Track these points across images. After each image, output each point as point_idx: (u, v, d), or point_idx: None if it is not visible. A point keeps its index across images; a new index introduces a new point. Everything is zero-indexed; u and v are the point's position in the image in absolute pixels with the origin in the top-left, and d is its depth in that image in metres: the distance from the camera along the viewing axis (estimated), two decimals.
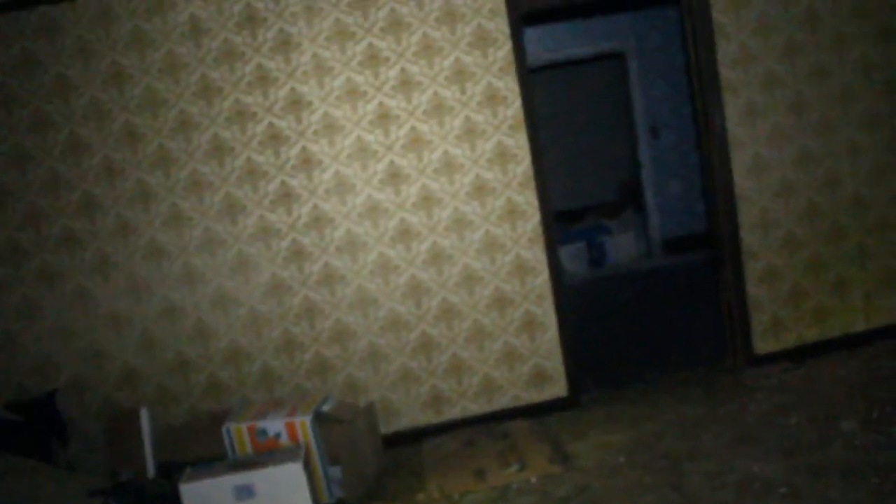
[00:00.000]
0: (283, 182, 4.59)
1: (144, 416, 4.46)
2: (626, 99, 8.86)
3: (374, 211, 4.65)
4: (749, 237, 4.95)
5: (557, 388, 4.87)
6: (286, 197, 4.61)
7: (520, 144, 4.66)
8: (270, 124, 4.55)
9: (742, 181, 4.90)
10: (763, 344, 5.01)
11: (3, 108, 4.48)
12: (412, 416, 4.81)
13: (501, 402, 4.84)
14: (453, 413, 4.82)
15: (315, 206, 4.62)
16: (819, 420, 4.17)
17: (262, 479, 3.95)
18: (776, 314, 5.00)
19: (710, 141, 4.93)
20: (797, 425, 4.16)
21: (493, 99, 4.62)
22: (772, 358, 5.00)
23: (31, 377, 4.67)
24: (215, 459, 4.22)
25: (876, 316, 5.08)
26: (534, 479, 4.07)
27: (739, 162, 4.89)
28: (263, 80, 4.53)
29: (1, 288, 4.61)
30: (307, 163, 4.59)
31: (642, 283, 8.03)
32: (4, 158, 4.52)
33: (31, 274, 4.60)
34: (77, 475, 4.21)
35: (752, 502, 3.49)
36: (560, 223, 9.29)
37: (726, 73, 4.83)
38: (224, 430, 4.26)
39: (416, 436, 4.77)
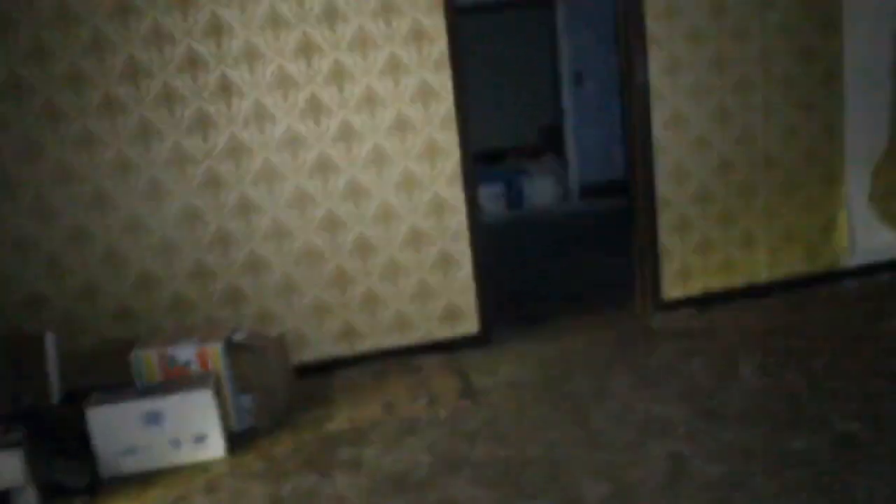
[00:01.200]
0: (199, 108, 4.50)
1: (50, 340, 4.36)
2: (553, 45, 8.88)
3: (293, 142, 4.60)
4: (664, 187, 5.06)
5: (469, 325, 4.94)
6: (202, 123, 4.51)
7: (443, 83, 4.65)
8: (189, 47, 4.43)
9: (660, 132, 4.99)
10: (671, 290, 5.17)
11: None
12: (324, 347, 4.84)
13: (414, 336, 4.90)
14: (365, 346, 4.87)
15: (233, 135, 4.54)
16: (719, 365, 4.35)
17: (172, 405, 3.94)
18: (685, 262, 5.15)
19: (633, 92, 4.99)
20: (698, 370, 4.33)
21: (419, 35, 4.58)
22: (679, 304, 5.17)
23: None
24: (124, 386, 4.19)
25: (777, 269, 5.29)
26: (443, 413, 4.15)
27: (659, 114, 4.97)
28: (184, 1, 4.39)
29: None
30: (226, 90, 4.50)
31: (558, 226, 8.15)
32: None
33: None
34: None
35: (653, 441, 3.64)
36: (480, 163, 9.32)
37: (652, 25, 4.87)
38: (134, 356, 4.21)
39: (328, 367, 4.81)
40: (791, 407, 3.81)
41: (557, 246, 7.35)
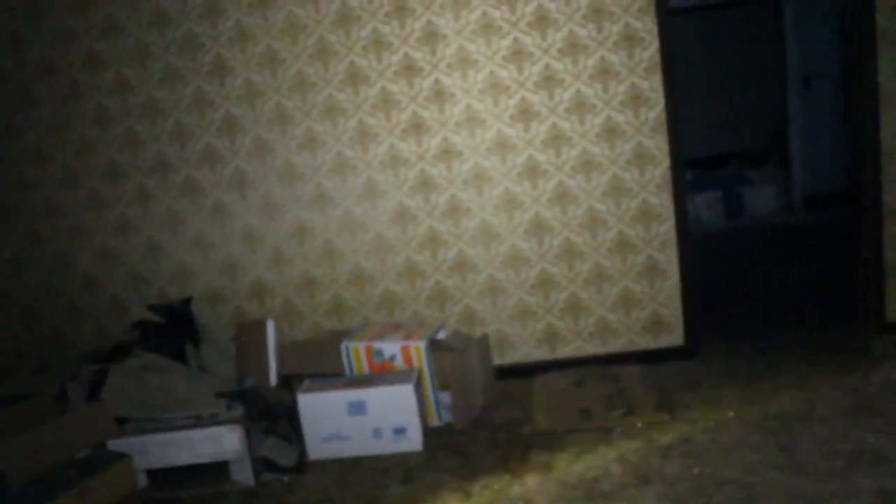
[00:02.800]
0: (414, 112, 4.67)
1: (270, 327, 4.69)
2: (780, 45, 8.46)
3: (502, 146, 4.68)
4: (892, 199, 4.72)
5: (674, 336, 4.83)
6: (416, 127, 4.68)
7: (654, 87, 4.57)
8: (405, 54, 4.62)
9: (890, 139, 4.65)
10: None
11: (157, 29, 4.73)
12: (526, 350, 4.89)
13: (615, 345, 4.85)
14: (566, 352, 4.87)
15: (445, 139, 4.69)
16: None
17: (375, 397, 4.13)
18: None
19: (860, 94, 4.70)
20: None
21: (629, 40, 4.52)
22: None
23: (172, 284, 5.01)
24: (333, 375, 4.43)
25: None
26: (639, 425, 4.09)
27: (889, 118, 4.64)
28: (401, 10, 4.58)
29: (149, 199, 4.92)
30: (439, 95, 4.65)
31: (779, 238, 7.78)
32: (159, 78, 4.77)
33: (176, 187, 4.88)
34: (206, 377, 4.48)
35: (861, 474, 3.40)
36: (697, 170, 9.05)
37: (883, 22, 4.56)
38: (342, 347, 4.45)
39: (528, 370, 4.84)
40: None
41: (776, 258, 7.01)
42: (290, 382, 4.58)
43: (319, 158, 4.77)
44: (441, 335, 4.53)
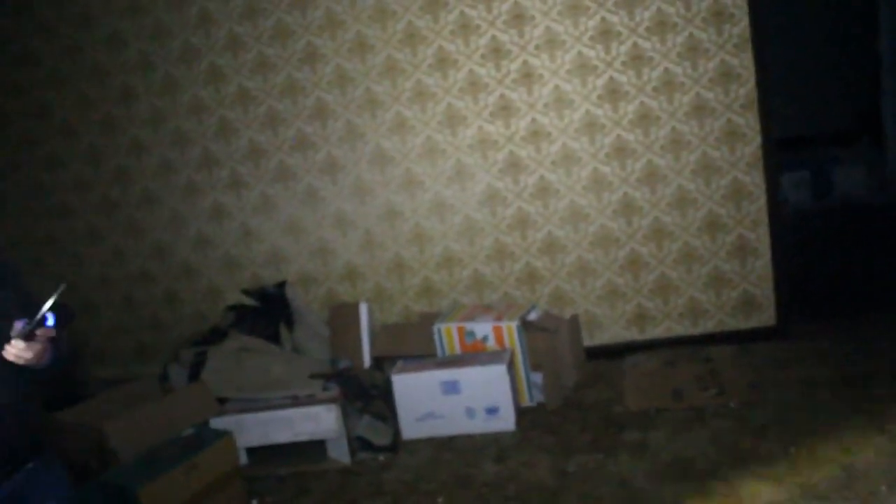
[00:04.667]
0: (502, 95, 4.70)
1: (364, 310, 4.79)
2: (873, 20, 8.23)
3: (590, 127, 4.68)
4: None
5: (765, 317, 4.77)
6: (505, 109, 4.71)
7: (744, 64, 4.51)
8: (493, 37, 4.64)
9: None
10: None
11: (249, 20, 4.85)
12: (615, 331, 4.89)
13: (706, 325, 4.81)
14: (656, 332, 4.86)
15: (533, 120, 4.71)
16: None
17: (468, 376, 4.18)
18: None
19: None
20: None
21: (718, 16, 4.47)
22: None
23: (265, 268, 5.14)
24: (425, 356, 4.50)
25: None
26: (732, 405, 4.07)
27: None
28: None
29: (242, 185, 5.05)
30: (527, 77, 4.67)
31: (870, 218, 7.57)
32: (250, 67, 4.90)
33: (269, 173, 5.00)
34: (301, 358, 4.60)
35: None
36: (785, 149, 8.84)
37: None
38: (434, 329, 4.52)
39: (618, 351, 4.84)
40: None
41: (867, 239, 6.84)
42: (382, 364, 4.68)
43: (409, 143, 4.83)
44: (532, 316, 4.56)
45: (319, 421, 4.07)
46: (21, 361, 2.04)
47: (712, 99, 4.56)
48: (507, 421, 4.18)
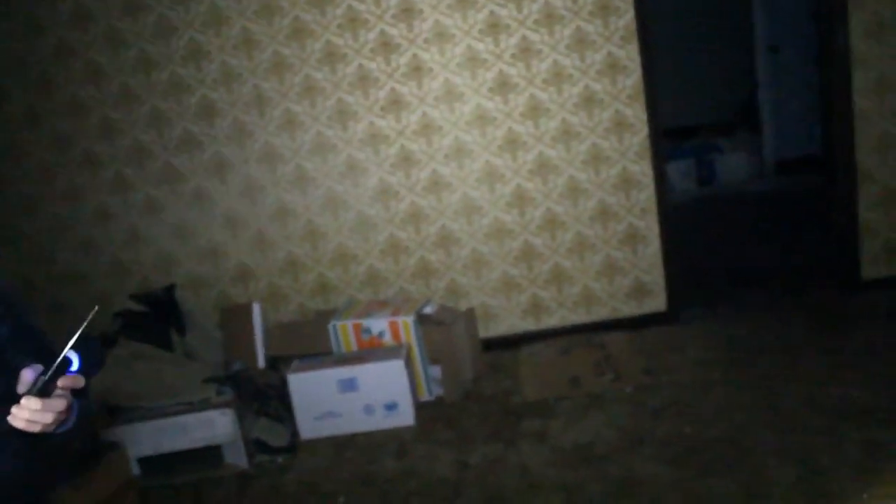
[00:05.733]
0: (392, 89, 4.67)
1: (256, 311, 4.70)
2: (747, 13, 8.53)
3: (481, 120, 4.69)
4: (866, 160, 4.79)
5: (657, 302, 4.88)
6: (395, 104, 4.68)
7: (631, 56, 4.59)
8: (382, 31, 4.61)
9: (862, 101, 4.72)
10: (872, 270, 4.89)
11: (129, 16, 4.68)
12: (511, 322, 4.92)
13: (600, 313, 4.89)
14: (551, 322, 4.91)
15: (424, 114, 4.69)
16: None
17: (366, 373, 4.15)
18: (889, 239, 4.86)
19: (832, 58, 4.76)
20: None
21: (605, 9, 4.54)
22: (880, 284, 4.87)
23: (154, 272, 4.97)
24: (321, 354, 4.44)
25: None
26: (628, 389, 4.15)
27: (861, 81, 4.71)
28: None
29: (127, 187, 4.87)
30: (417, 70, 4.65)
31: (751, 203, 7.85)
32: (132, 63, 4.72)
33: (154, 174, 4.84)
34: (193, 363, 4.48)
35: (847, 426, 3.49)
36: (670, 139, 9.08)
37: None
38: (330, 326, 4.46)
39: (515, 342, 4.88)
40: None
41: (750, 224, 7.08)
42: (277, 364, 4.59)
43: (299, 139, 4.75)
44: (428, 310, 4.56)
45: (214, 426, 3.96)
46: (37, 428, 1.41)
47: (600, 90, 4.64)
48: (406, 416, 4.16)
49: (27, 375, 1.41)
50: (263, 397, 4.26)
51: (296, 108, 4.71)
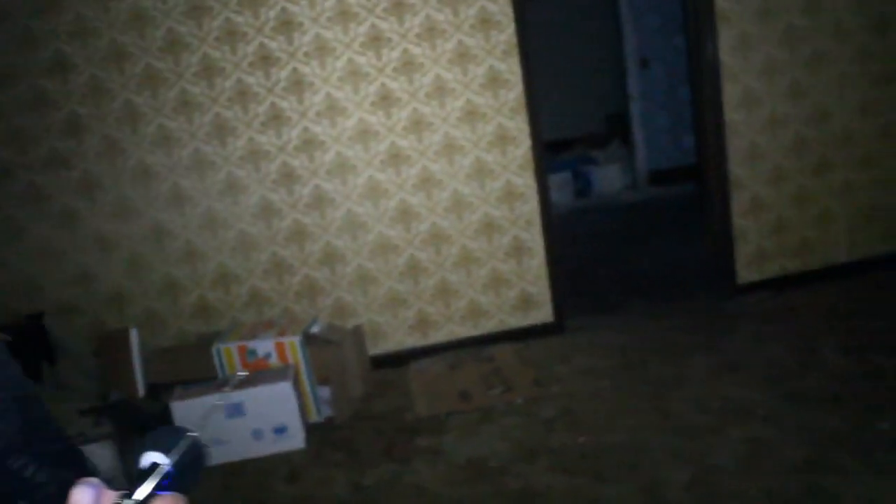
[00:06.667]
0: (273, 104, 4.55)
1: (134, 337, 4.49)
2: (618, 30, 8.78)
3: (364, 135, 4.63)
4: (737, 169, 4.97)
5: (543, 313, 4.92)
6: (275, 119, 4.57)
7: (512, 70, 4.63)
8: (261, 44, 4.49)
9: (732, 113, 4.90)
10: (747, 274, 5.08)
11: None
12: (399, 338, 4.86)
13: (487, 326, 4.90)
14: (439, 336, 4.88)
15: (305, 129, 4.59)
16: (799, 348, 4.27)
17: (252, 397, 4.00)
18: (760, 245, 5.05)
19: (702, 72, 4.92)
20: (778, 353, 4.26)
21: (486, 23, 4.57)
22: (755, 287, 5.07)
23: (19, 299, 4.66)
24: (206, 379, 4.27)
25: (857, 249, 5.15)
26: (519, 401, 4.15)
27: (730, 94, 4.88)
28: (253, 1, 4.45)
29: None
30: (298, 84, 4.55)
31: (627, 213, 8.07)
32: None
33: (17, 194, 4.56)
34: (67, 395, 4.24)
35: (733, 426, 3.60)
36: (547, 153, 9.25)
37: (721, 1, 4.78)
38: (214, 350, 4.29)
39: (404, 358, 4.83)
40: (876, 388, 3.73)
41: (628, 233, 7.28)
42: (159, 392, 4.39)
43: (175, 156, 4.57)
44: (315, 329, 4.45)
45: (93, 460, 3.74)
46: None
47: (483, 104, 4.65)
48: (296, 439, 4.04)
49: (84, 498, 0.72)
50: (145, 427, 4.06)
51: (170, 124, 4.53)
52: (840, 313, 4.64)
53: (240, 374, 4.34)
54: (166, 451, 0.80)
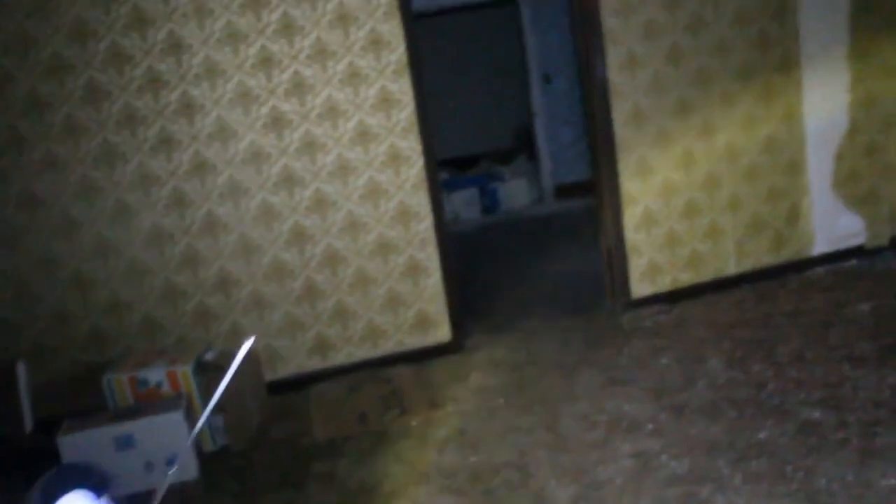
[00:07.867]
0: (162, 127, 4.48)
1: (21, 370, 4.34)
2: (520, 45, 8.89)
3: (257, 157, 4.59)
4: (629, 184, 5.08)
5: (441, 333, 4.95)
6: (165, 143, 4.50)
7: (403, 90, 4.65)
8: (149, 67, 4.42)
9: (622, 129, 5.01)
10: (640, 287, 5.19)
11: None
12: (298, 362, 4.83)
13: (386, 347, 4.90)
14: (339, 359, 4.86)
15: (196, 153, 4.53)
16: (687, 360, 4.38)
17: (143, 428, 3.93)
18: (652, 259, 5.17)
19: (592, 89, 5.02)
20: (667, 366, 4.36)
21: (376, 44, 4.58)
22: (648, 301, 5.18)
23: None
24: (96, 411, 4.17)
25: (745, 260, 5.33)
26: (414, 423, 4.16)
27: (620, 111, 4.99)
28: (141, 21, 4.37)
29: None
30: (188, 108, 4.49)
31: (533, 228, 8.16)
32: None
33: None
34: None
35: (620, 440, 3.67)
36: (453, 170, 9.33)
37: (608, 21, 4.89)
38: (104, 380, 4.20)
39: (303, 382, 4.79)
40: (756, 397, 3.85)
41: (532, 248, 7.35)
42: (48, 425, 4.27)
43: (60, 182, 4.44)
44: (209, 356, 4.39)
45: None
46: None
47: (375, 124, 4.66)
48: (189, 470, 3.97)
49: None
50: (33, 465, 3.94)
51: (57, 150, 4.39)
52: (726, 324, 4.77)
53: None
54: None
